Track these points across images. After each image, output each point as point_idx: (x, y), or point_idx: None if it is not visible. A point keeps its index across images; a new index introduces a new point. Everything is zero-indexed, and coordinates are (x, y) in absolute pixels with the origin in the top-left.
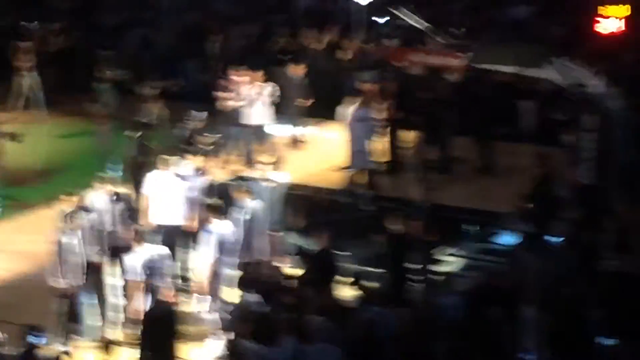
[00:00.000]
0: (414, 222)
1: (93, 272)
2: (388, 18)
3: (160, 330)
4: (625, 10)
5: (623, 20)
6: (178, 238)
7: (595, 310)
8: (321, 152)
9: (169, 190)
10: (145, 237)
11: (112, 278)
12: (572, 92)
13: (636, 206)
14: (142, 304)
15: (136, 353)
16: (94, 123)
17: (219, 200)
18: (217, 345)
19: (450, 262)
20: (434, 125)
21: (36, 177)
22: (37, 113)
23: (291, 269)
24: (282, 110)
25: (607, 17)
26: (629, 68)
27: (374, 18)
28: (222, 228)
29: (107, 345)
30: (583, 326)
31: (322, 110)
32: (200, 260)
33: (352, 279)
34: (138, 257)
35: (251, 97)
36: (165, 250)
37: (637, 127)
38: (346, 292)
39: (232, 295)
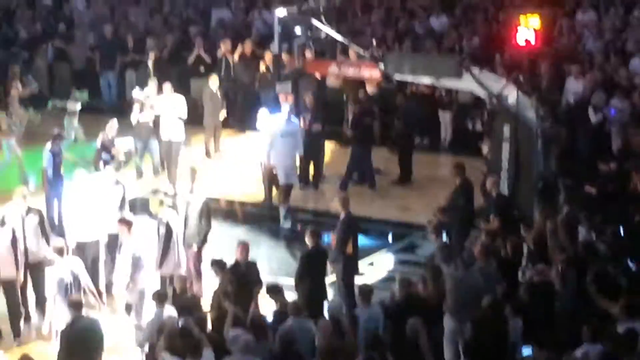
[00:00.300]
0: (333, 234)
1: (8, 287)
2: (305, 30)
3: (81, 345)
4: (537, 21)
5: (533, 31)
6: (95, 252)
7: (514, 320)
8: (239, 164)
9: (86, 204)
10: (64, 251)
11: (28, 292)
12: (489, 102)
13: (553, 216)
14: (61, 317)
15: None
16: (2, 136)
17: (132, 213)
18: (137, 357)
19: (369, 273)
20: (354, 136)
21: None
22: None
23: (207, 282)
24: (199, 121)
25: (525, 28)
26: (543, 79)
27: (291, 29)
28: (137, 241)
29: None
30: (502, 336)
31: (239, 121)
32: (116, 274)
33: (268, 291)
34: (57, 271)
35: (162, 110)
36: (82, 263)
37: (553, 137)
38: (264, 304)
39: (149, 308)
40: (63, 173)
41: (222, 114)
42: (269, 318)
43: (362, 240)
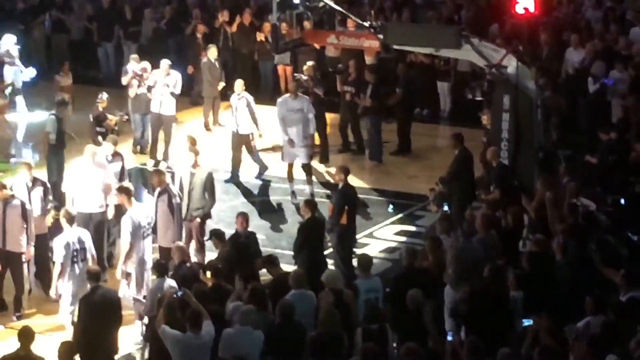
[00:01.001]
0: (330, 204)
1: (16, 260)
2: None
3: (100, 313)
4: None
5: (532, 0)
6: (97, 223)
7: (515, 291)
8: None
9: (89, 177)
10: (74, 219)
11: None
12: (489, 72)
13: (553, 186)
14: (67, 285)
15: (62, 338)
16: None
17: (130, 184)
18: (137, 330)
19: (369, 244)
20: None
21: None
22: None
23: (208, 254)
24: (199, 93)
25: None
26: (543, 48)
27: None
28: (138, 212)
29: (27, 332)
30: (502, 307)
31: None
32: (120, 245)
33: (264, 262)
34: (65, 237)
35: (154, 84)
36: (88, 233)
37: (553, 107)
38: (263, 274)
39: (150, 279)
40: (65, 140)
41: (221, 85)
42: (267, 288)
43: (362, 211)
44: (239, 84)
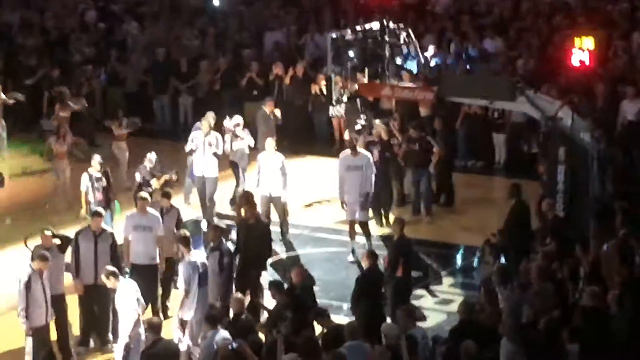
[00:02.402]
0: (385, 257)
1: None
2: (358, 52)
3: None
4: (591, 42)
5: (588, 52)
6: (151, 276)
7: (570, 344)
8: (293, 187)
9: (145, 230)
10: (116, 276)
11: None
12: (544, 124)
13: (609, 239)
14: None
15: None
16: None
17: (187, 231)
18: None
19: (424, 296)
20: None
21: None
22: None
23: (263, 305)
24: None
25: (580, 49)
26: (598, 100)
27: (343, 52)
28: (196, 260)
29: None
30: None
31: (293, 145)
32: (178, 293)
33: (315, 315)
34: (129, 292)
35: (203, 146)
36: (136, 285)
37: (609, 159)
38: (317, 326)
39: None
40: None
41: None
42: (321, 340)
43: (417, 263)
44: (270, 143)
